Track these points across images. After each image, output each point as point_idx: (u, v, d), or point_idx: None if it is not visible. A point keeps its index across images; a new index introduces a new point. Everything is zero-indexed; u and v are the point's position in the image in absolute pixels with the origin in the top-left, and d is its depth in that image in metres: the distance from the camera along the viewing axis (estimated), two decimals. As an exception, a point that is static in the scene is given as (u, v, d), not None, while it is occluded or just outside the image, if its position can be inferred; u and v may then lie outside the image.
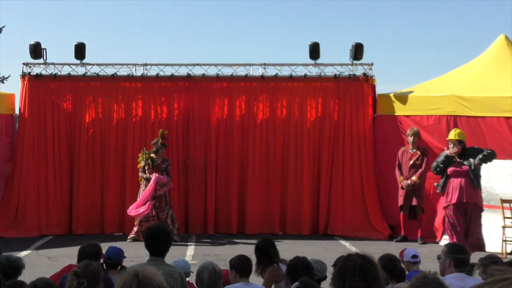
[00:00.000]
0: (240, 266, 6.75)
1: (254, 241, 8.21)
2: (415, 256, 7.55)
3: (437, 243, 13.53)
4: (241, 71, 15.21)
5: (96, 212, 14.98)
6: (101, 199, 15.00)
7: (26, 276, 6.70)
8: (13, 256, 6.57)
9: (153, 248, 6.28)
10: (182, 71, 15.17)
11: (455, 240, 11.66)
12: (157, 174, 13.66)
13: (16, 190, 14.66)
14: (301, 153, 15.05)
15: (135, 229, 13.76)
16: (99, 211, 14.99)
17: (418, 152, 13.85)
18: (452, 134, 12.40)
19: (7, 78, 29.03)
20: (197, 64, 15.20)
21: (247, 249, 12.26)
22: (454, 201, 12.06)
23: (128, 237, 13.75)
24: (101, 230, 14.91)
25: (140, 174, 13.87)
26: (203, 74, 15.12)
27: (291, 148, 15.08)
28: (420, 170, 13.76)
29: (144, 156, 13.79)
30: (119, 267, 7.53)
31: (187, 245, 13.39)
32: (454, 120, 13.85)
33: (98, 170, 15.01)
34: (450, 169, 12.26)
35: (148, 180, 13.66)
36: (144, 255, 10.79)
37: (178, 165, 14.99)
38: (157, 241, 6.27)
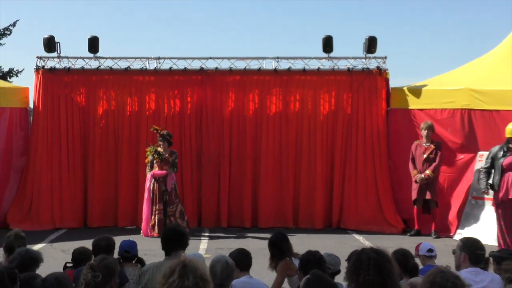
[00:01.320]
0: (240, 260, 6.75)
1: (267, 235, 8.20)
2: (430, 250, 7.52)
3: (451, 237, 13.47)
4: (254, 65, 15.18)
5: (109, 205, 15.04)
6: (114, 192, 15.05)
7: (40, 269, 6.72)
8: (32, 249, 6.61)
9: (170, 249, 6.36)
10: (195, 65, 15.17)
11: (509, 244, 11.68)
12: (153, 172, 13.67)
13: (30, 183, 14.73)
14: (314, 147, 15.02)
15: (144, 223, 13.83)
16: (113, 204, 15.04)
17: (432, 146, 13.79)
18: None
19: (21, 71, 29.15)
20: (210, 58, 15.19)
21: (260, 243, 12.28)
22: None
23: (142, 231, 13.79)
24: (114, 223, 14.96)
25: (147, 170, 13.87)
26: (216, 68, 15.12)
27: (304, 142, 15.05)
28: (434, 164, 13.70)
29: (151, 151, 13.79)
30: (135, 260, 7.55)
31: (200, 239, 13.40)
32: (468, 114, 13.79)
33: (111, 163, 15.06)
34: (506, 162, 12.17)
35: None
36: (157, 248, 10.82)
37: (191, 159, 15.00)
38: (174, 242, 6.35)
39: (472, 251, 6.27)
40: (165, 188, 13.66)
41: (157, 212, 13.62)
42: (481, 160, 13.40)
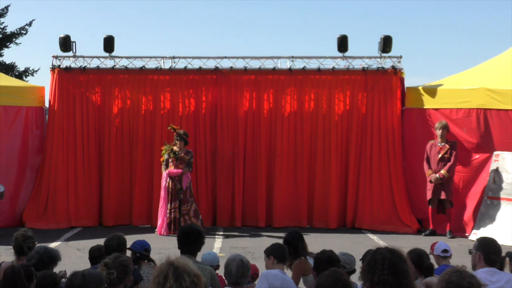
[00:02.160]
0: (279, 252, 6.80)
1: (282, 234, 8.21)
2: (445, 251, 7.48)
3: (466, 237, 13.41)
4: (269, 64, 15.18)
5: (124, 204, 15.09)
6: (129, 191, 15.10)
7: (56, 268, 6.75)
8: (50, 247, 6.64)
9: (186, 248, 6.38)
10: (210, 64, 15.19)
11: None
12: (169, 170, 13.68)
13: (46, 182, 14.80)
14: (328, 146, 15.00)
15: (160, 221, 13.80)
16: (128, 203, 15.08)
17: (447, 146, 13.72)
18: None
19: (37, 71, 29.32)
20: (225, 57, 15.21)
21: (275, 242, 12.26)
22: None
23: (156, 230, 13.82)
24: (129, 222, 15.01)
25: (163, 168, 13.88)
26: (231, 67, 15.13)
27: (319, 141, 15.03)
28: (448, 164, 13.64)
29: (167, 150, 13.81)
30: (147, 259, 7.59)
31: (214, 238, 13.41)
32: (484, 114, 13.71)
33: (126, 162, 15.11)
34: None
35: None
36: (171, 247, 10.86)
37: (206, 158, 15.02)
38: (190, 241, 6.37)
39: (487, 250, 6.23)
40: (180, 186, 13.68)
41: (172, 211, 13.64)
42: (496, 160, 13.33)
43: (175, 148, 13.80)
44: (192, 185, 14.03)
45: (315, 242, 11.25)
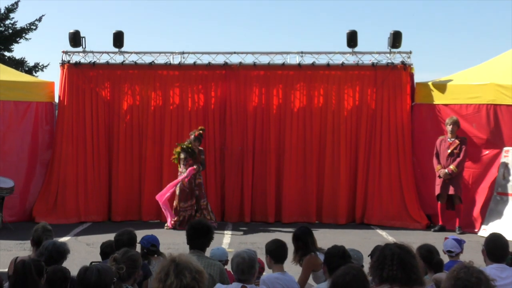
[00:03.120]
0: (275, 252, 6.76)
1: (291, 230, 8.21)
2: (449, 251, 7.49)
3: (476, 233, 13.38)
4: (278, 59, 15.17)
5: (134, 199, 15.12)
6: (138, 186, 15.13)
7: (65, 262, 6.78)
8: (58, 241, 6.66)
9: (195, 243, 6.39)
10: (219, 59, 15.19)
11: None
12: (193, 167, 13.67)
13: (55, 177, 14.85)
14: (338, 142, 14.98)
15: (173, 220, 13.80)
16: (137, 198, 15.12)
17: (457, 141, 13.69)
18: None
19: (46, 66, 29.38)
20: (234, 52, 15.21)
21: (284, 237, 12.26)
22: None
23: (166, 225, 13.83)
24: (139, 217, 15.04)
25: (181, 168, 13.85)
26: (240, 62, 15.12)
27: (328, 137, 15.01)
28: (458, 159, 13.61)
29: (185, 149, 13.73)
30: (156, 254, 7.62)
31: (223, 233, 13.42)
32: (494, 109, 13.66)
33: (136, 157, 15.13)
34: None
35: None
36: (180, 242, 10.89)
37: (215, 153, 15.02)
38: (199, 236, 6.38)
39: (490, 246, 6.25)
40: (195, 183, 13.67)
41: (189, 208, 13.67)
42: (506, 155, 13.29)
43: (191, 145, 13.73)
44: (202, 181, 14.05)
45: (324, 238, 11.25)
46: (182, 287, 4.11)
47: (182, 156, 13.81)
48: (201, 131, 13.89)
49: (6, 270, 7.27)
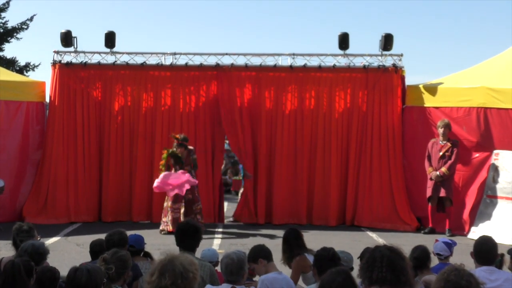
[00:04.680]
0: (264, 252, 6.82)
1: (281, 231, 8.21)
2: (438, 254, 7.51)
3: (465, 235, 13.41)
4: (270, 61, 15.18)
5: (124, 199, 15.08)
6: (129, 187, 15.09)
7: (55, 262, 6.78)
8: (36, 242, 6.60)
9: (184, 244, 6.41)
10: (211, 61, 15.18)
11: None
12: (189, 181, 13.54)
13: (45, 177, 14.80)
14: (329, 144, 14.99)
15: (164, 220, 13.65)
16: (128, 198, 15.08)
17: (448, 144, 13.73)
18: None
19: (38, 66, 29.26)
20: (226, 54, 15.20)
21: (274, 239, 12.28)
22: None
23: (160, 229, 13.60)
24: (129, 218, 15.01)
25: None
26: (232, 64, 15.12)
27: (319, 139, 15.02)
28: (449, 162, 13.64)
29: (171, 155, 13.59)
30: (142, 253, 7.60)
31: (214, 235, 13.40)
32: (484, 112, 13.70)
33: (126, 158, 15.10)
34: None
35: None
36: (171, 243, 10.84)
37: (206, 155, 14.98)
38: (188, 237, 6.40)
39: (477, 249, 6.27)
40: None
41: (175, 210, 13.49)
42: (496, 158, 13.34)
43: (176, 152, 13.60)
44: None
45: (314, 240, 11.26)
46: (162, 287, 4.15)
47: (172, 161, 13.66)
48: (175, 139, 13.69)
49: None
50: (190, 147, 13.87)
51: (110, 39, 15.19)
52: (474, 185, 13.75)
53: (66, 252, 11.42)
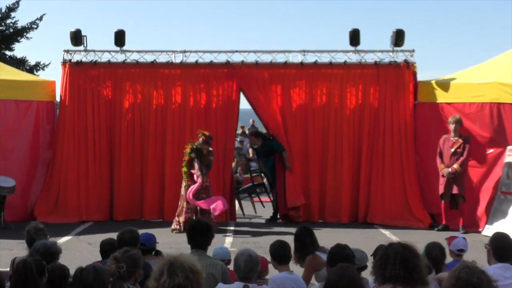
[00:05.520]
0: (277, 254, 6.78)
1: (293, 229, 8.19)
2: (461, 250, 7.45)
3: (480, 232, 13.35)
4: (280, 58, 15.16)
5: (136, 198, 15.10)
6: (140, 186, 15.11)
7: (67, 262, 6.77)
8: (48, 241, 6.62)
9: (195, 242, 6.39)
10: (221, 58, 15.18)
11: None
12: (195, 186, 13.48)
13: (56, 176, 14.85)
14: (340, 141, 14.97)
15: (176, 219, 13.62)
16: (139, 197, 15.10)
17: (460, 140, 13.66)
18: None
19: (47, 65, 29.39)
20: (236, 51, 15.20)
21: (286, 237, 12.25)
22: None
23: (172, 228, 13.58)
24: (140, 216, 15.03)
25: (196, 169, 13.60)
26: (242, 61, 15.11)
27: (331, 136, 15.00)
28: (461, 158, 13.58)
29: (194, 147, 13.54)
30: (154, 252, 7.60)
31: (226, 233, 13.40)
32: (497, 108, 13.63)
33: (137, 156, 15.12)
34: None
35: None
36: (182, 241, 10.85)
37: (217, 153, 14.96)
38: (200, 234, 6.38)
39: (496, 245, 6.23)
40: (201, 187, 13.44)
41: (189, 211, 13.42)
42: (510, 154, 13.27)
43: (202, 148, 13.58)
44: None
45: (327, 237, 11.23)
46: (175, 286, 4.15)
47: (192, 155, 13.62)
48: (203, 136, 13.67)
49: (6, 269, 7.26)
50: (210, 148, 13.82)
51: (120, 38, 15.21)
52: (488, 182, 13.69)
53: (78, 251, 11.45)
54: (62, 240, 12.19)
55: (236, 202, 15.73)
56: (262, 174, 16.56)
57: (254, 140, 14.85)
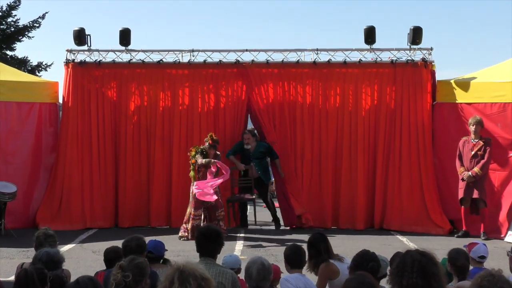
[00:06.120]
0: (291, 257, 6.80)
1: (305, 236, 8.19)
2: (482, 257, 7.42)
3: (502, 239, 13.30)
4: (292, 57, 15.16)
5: (142, 204, 15.12)
6: (147, 191, 15.13)
7: (70, 271, 6.80)
8: (51, 250, 6.64)
9: (204, 249, 6.38)
10: (231, 57, 15.19)
11: None
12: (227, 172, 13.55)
13: (59, 181, 14.88)
14: (355, 143, 14.95)
15: (184, 226, 13.60)
16: (145, 202, 15.11)
17: (481, 142, 13.62)
18: None
19: (50, 65, 29.42)
20: (246, 50, 15.22)
21: (292, 244, 12.21)
22: None
23: (179, 235, 13.53)
24: (147, 223, 15.06)
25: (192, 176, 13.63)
26: (253, 60, 15.13)
27: (345, 138, 14.98)
28: (482, 161, 13.53)
29: (199, 150, 13.52)
30: (161, 260, 7.59)
31: (235, 240, 13.40)
32: (520, 108, 13.60)
33: (143, 160, 15.14)
34: None
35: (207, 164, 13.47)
36: (191, 249, 10.86)
37: (224, 155, 14.99)
38: (209, 241, 6.36)
39: None
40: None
41: (196, 218, 13.36)
42: (533, 157, 13.22)
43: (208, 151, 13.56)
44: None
45: (341, 244, 11.24)
46: None
47: (200, 161, 13.47)
48: (210, 139, 13.62)
49: (8, 279, 7.30)
50: (218, 152, 13.82)
51: (125, 37, 15.25)
52: (510, 186, 13.63)
53: (82, 259, 11.47)
54: (65, 248, 12.21)
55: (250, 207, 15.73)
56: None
57: (251, 139, 14.65)
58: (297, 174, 14.98)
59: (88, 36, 15.30)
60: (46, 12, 29.29)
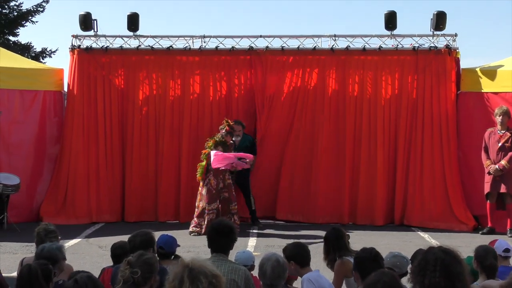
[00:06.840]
0: (298, 256, 6.78)
1: (320, 231, 8.19)
2: (507, 250, 7.40)
3: (529, 236, 13.27)
4: (308, 44, 15.14)
5: (150, 197, 15.15)
6: (155, 184, 15.16)
7: (76, 266, 6.85)
8: (51, 246, 6.64)
9: (216, 245, 6.36)
10: (244, 44, 15.20)
11: None
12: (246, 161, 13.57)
13: (64, 173, 14.93)
14: (374, 134, 14.92)
15: (196, 220, 13.60)
16: (153, 196, 15.15)
17: (508, 134, 13.57)
18: None
19: (55, 51, 29.53)
20: (260, 36, 15.22)
21: (314, 239, 12.23)
22: None
23: (190, 231, 13.52)
24: (155, 218, 15.09)
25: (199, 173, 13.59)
26: (267, 47, 15.11)
27: (364, 129, 14.95)
28: (510, 154, 13.50)
29: (218, 140, 13.48)
30: (173, 256, 7.59)
31: (248, 236, 13.41)
32: (549, 97, 13.55)
33: (152, 151, 15.16)
34: None
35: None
36: (201, 245, 10.91)
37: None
38: (222, 236, 6.35)
39: None
40: (224, 185, 13.51)
41: (210, 212, 13.34)
42: None
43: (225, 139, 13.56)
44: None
45: (359, 241, 11.22)
46: None
47: (220, 149, 13.45)
48: (227, 125, 13.66)
49: (10, 274, 7.34)
50: (232, 141, 13.84)
51: (133, 22, 15.26)
52: (538, 179, 13.57)
53: (88, 255, 11.53)
54: (70, 243, 12.28)
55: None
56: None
57: (241, 130, 14.35)
58: (313, 167, 14.94)
59: (95, 21, 15.33)
60: (51, -4, 29.37)
